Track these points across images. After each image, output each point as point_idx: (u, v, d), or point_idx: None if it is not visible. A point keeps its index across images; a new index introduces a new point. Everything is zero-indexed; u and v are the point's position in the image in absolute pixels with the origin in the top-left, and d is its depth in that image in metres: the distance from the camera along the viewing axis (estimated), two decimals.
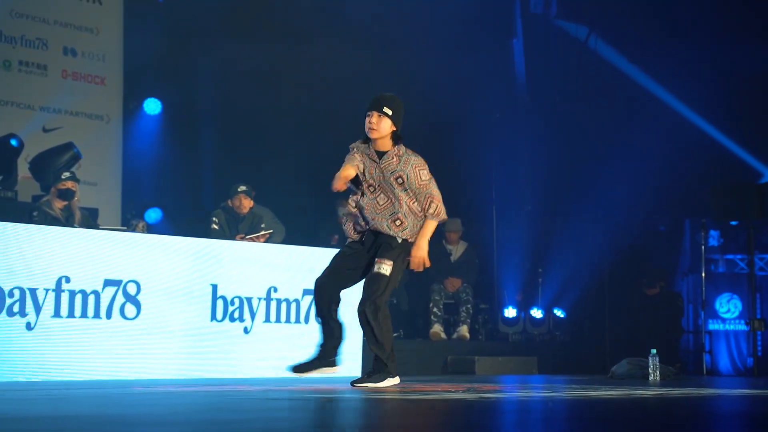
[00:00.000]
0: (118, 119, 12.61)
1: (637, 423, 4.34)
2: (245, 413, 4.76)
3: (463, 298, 11.96)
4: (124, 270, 8.17)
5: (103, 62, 12.46)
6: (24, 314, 7.70)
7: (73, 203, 9.56)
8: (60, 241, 7.94)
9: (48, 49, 12.01)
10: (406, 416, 4.53)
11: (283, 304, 9.00)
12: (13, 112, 11.65)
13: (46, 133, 11.78)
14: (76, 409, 4.94)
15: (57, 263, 7.86)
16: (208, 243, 8.86)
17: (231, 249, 8.90)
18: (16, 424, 4.06)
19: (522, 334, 12.85)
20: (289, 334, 8.97)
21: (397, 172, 6.85)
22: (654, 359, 9.08)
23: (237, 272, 8.74)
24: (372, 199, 6.88)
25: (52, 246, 7.87)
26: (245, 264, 8.78)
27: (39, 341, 7.75)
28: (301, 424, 4.19)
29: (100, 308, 8.05)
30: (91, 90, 12.35)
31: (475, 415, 4.63)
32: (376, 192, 6.88)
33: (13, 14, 11.73)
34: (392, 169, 6.86)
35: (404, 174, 6.85)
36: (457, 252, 12.30)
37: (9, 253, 7.66)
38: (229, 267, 8.71)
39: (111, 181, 12.37)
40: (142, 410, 4.82)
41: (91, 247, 8.07)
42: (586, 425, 4.19)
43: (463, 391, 6.34)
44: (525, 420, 4.46)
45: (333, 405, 5.27)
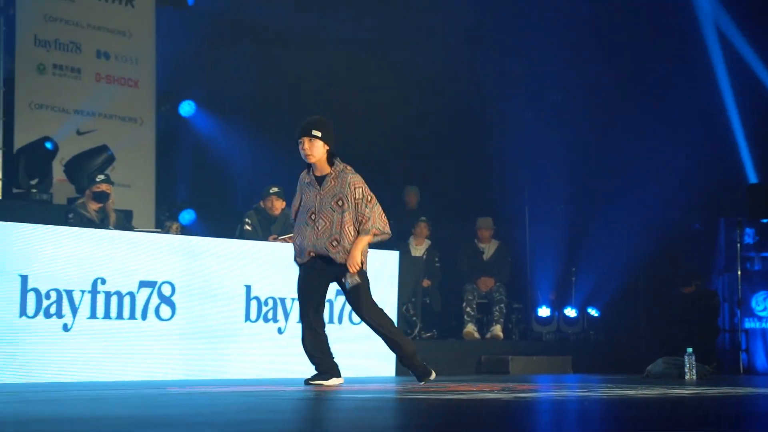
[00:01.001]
0: (151, 121, 12.67)
1: (674, 422, 4.31)
2: (282, 413, 4.77)
3: (497, 298, 11.93)
4: (159, 271, 8.22)
5: (135, 65, 12.53)
6: (60, 316, 7.76)
7: (108, 205, 9.61)
8: (95, 243, 7.99)
9: (81, 52, 12.09)
10: (443, 416, 4.52)
11: None
12: (47, 115, 11.73)
13: (81, 136, 11.85)
14: (113, 410, 4.96)
15: (92, 265, 7.91)
16: (242, 244, 8.90)
17: (264, 250, 8.92)
18: (54, 426, 4.09)
19: (556, 334, 12.80)
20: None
21: (337, 195, 7.06)
22: (690, 358, 9.01)
23: (270, 273, 8.76)
24: (312, 228, 7.08)
25: (88, 248, 7.92)
26: (279, 265, 8.80)
27: (75, 342, 7.81)
28: (337, 425, 4.19)
29: (135, 309, 8.09)
30: (124, 93, 12.42)
31: (512, 414, 4.62)
32: (316, 218, 7.08)
33: (47, 18, 11.81)
34: (333, 194, 7.07)
35: (342, 196, 7.05)
36: (489, 251, 12.27)
37: (45, 256, 7.71)
38: (262, 268, 8.74)
39: (145, 183, 12.43)
40: (179, 411, 4.83)
41: (126, 249, 8.11)
42: (624, 425, 4.16)
43: (498, 391, 6.32)
44: (563, 420, 4.44)
45: (369, 405, 5.26)
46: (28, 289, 7.60)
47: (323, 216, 7.05)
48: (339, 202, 7.05)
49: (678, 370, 9.21)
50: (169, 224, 10.58)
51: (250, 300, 8.65)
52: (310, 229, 7.06)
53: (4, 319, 7.50)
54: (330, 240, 7.03)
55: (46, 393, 6.25)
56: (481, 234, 12.25)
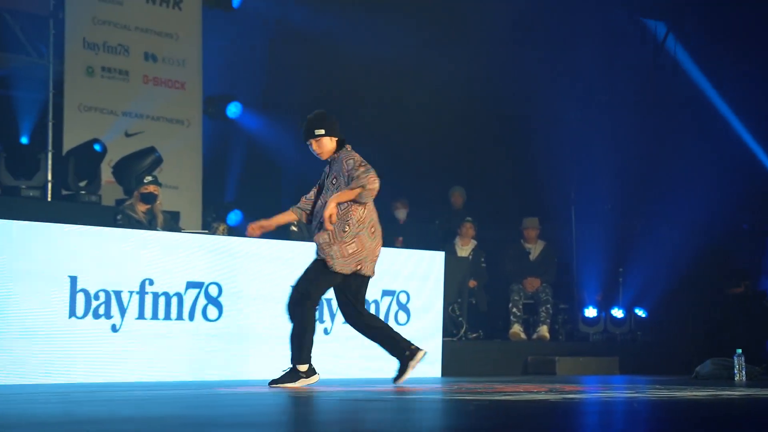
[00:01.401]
0: (198, 123, 12.74)
1: (724, 424, 4.27)
2: (329, 414, 4.78)
3: (543, 298, 11.89)
4: (206, 273, 8.26)
5: (182, 67, 12.61)
6: (109, 316, 7.82)
7: (155, 207, 9.68)
8: (143, 244, 8.05)
9: (129, 54, 12.18)
10: (491, 417, 4.51)
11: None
12: (96, 117, 11.83)
13: (129, 138, 11.94)
14: (162, 410, 5.00)
15: (141, 266, 7.97)
16: (288, 245, 8.92)
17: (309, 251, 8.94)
18: (105, 426, 4.12)
19: (603, 334, 12.73)
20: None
21: (332, 173, 7.02)
22: (740, 359, 8.93)
23: None
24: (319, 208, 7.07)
25: (136, 249, 7.98)
26: None
27: (123, 343, 7.87)
28: (385, 426, 4.19)
29: (183, 310, 8.14)
30: (171, 95, 12.50)
31: (560, 416, 4.60)
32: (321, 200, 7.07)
33: (96, 21, 11.91)
34: (331, 178, 7.03)
35: (337, 174, 6.99)
36: (535, 251, 12.24)
37: (94, 257, 7.78)
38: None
39: (192, 185, 12.50)
40: (228, 411, 4.86)
41: (174, 250, 8.17)
42: (674, 427, 4.14)
43: (545, 392, 6.30)
44: (612, 421, 4.41)
45: (416, 406, 5.27)
46: (77, 290, 7.68)
47: (323, 196, 7.06)
48: (333, 181, 7.01)
49: (727, 372, 9.13)
50: (216, 225, 10.63)
51: None
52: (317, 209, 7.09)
53: (54, 319, 7.57)
54: (316, 225, 7.05)
55: (97, 393, 6.31)
56: (527, 234, 12.21)
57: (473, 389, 6.71)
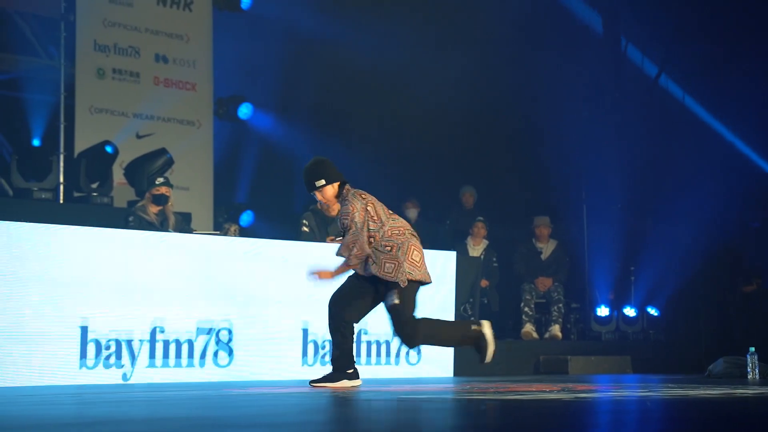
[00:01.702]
0: (209, 124, 12.76)
1: (738, 423, 4.26)
2: (341, 414, 4.78)
3: (555, 298, 11.88)
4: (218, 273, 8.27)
5: (193, 68, 12.63)
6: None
7: (167, 208, 9.69)
8: (155, 246, 8.06)
9: (140, 56, 12.21)
10: (503, 416, 4.51)
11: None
12: (107, 119, 11.86)
13: (140, 140, 11.97)
14: (173, 411, 5.00)
15: (154, 271, 7.98)
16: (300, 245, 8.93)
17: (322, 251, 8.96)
18: (116, 426, 4.13)
19: (615, 333, 12.72)
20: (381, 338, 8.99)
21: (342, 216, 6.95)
22: (753, 357, 8.90)
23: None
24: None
25: (148, 251, 8.00)
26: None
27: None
28: (396, 426, 4.19)
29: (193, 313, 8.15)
30: (182, 96, 12.52)
31: (572, 415, 4.60)
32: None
33: (106, 23, 11.94)
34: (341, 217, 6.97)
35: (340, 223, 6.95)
36: (547, 251, 12.22)
37: (105, 257, 7.80)
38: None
39: (203, 186, 12.52)
40: (239, 412, 4.86)
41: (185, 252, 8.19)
42: (686, 426, 4.13)
43: (557, 391, 6.29)
44: (625, 420, 4.41)
45: (428, 406, 5.26)
46: (89, 292, 7.69)
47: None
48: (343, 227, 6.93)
49: (740, 370, 9.10)
50: (227, 226, 10.65)
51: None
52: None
53: (66, 321, 7.59)
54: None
55: (107, 395, 6.32)
56: (539, 232, 12.20)
57: (485, 389, 6.71)
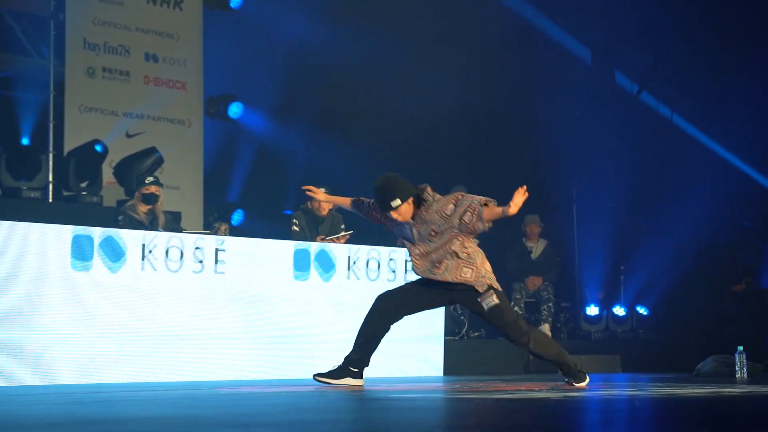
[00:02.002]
0: (199, 123, 12.75)
1: (726, 422, 4.27)
2: (331, 413, 4.78)
3: (545, 297, 11.89)
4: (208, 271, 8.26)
5: (183, 67, 12.61)
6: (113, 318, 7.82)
7: (157, 207, 9.68)
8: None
9: (130, 55, 12.19)
10: (493, 416, 4.52)
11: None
12: (97, 118, 11.84)
13: (130, 139, 11.95)
14: (164, 410, 5.00)
15: (145, 266, 7.96)
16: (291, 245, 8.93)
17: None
18: (110, 426, 4.13)
19: (605, 332, 12.73)
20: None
21: (428, 226, 6.80)
22: (741, 356, 8.92)
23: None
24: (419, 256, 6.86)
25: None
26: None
27: (124, 343, 7.86)
28: (386, 425, 4.20)
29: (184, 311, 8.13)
30: (172, 95, 12.51)
31: (562, 414, 4.61)
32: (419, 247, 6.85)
33: (96, 22, 11.91)
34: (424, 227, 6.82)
35: (435, 225, 6.79)
36: (537, 250, 12.23)
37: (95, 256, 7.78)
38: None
39: (193, 185, 12.51)
40: (230, 411, 4.86)
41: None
42: (675, 425, 4.14)
43: (547, 391, 6.30)
44: (613, 419, 4.42)
45: (418, 405, 5.27)
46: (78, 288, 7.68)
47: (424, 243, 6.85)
48: (432, 233, 6.78)
49: (729, 369, 9.12)
50: (217, 225, 10.64)
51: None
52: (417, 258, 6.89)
53: (56, 319, 7.57)
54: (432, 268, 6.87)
55: (97, 395, 6.31)
56: (529, 231, 12.19)
57: (475, 388, 6.72)
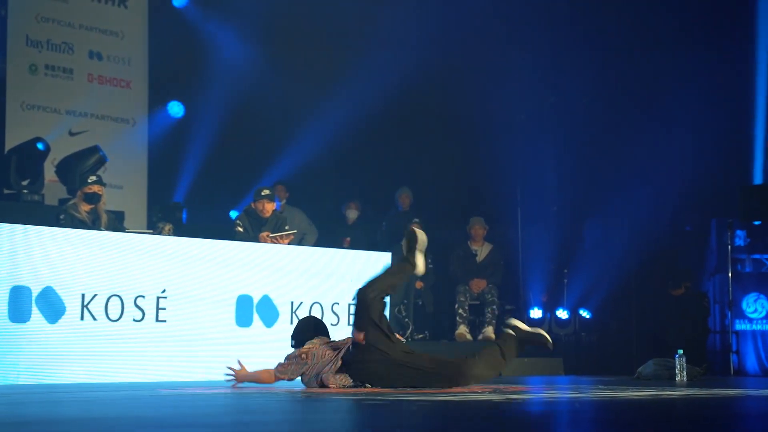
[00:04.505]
0: (144, 122, 12.66)
1: (665, 424, 4.32)
2: (273, 414, 4.77)
3: (489, 299, 11.93)
4: (153, 274, 8.21)
5: (128, 66, 12.53)
6: (52, 318, 7.74)
7: (99, 206, 9.59)
8: (86, 245, 7.98)
9: (73, 52, 12.09)
10: (434, 418, 4.53)
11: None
12: (39, 115, 11.73)
13: (72, 137, 11.85)
14: (105, 410, 4.96)
15: (86, 267, 7.89)
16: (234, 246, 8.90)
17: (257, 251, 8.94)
18: (49, 427, 4.09)
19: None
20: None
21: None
22: (681, 360, 9.02)
23: (263, 275, 8.77)
24: None
25: (79, 250, 7.91)
26: (271, 267, 8.80)
27: (67, 345, 7.79)
28: (328, 426, 4.19)
29: (125, 312, 8.07)
30: (116, 93, 12.42)
31: (503, 416, 4.63)
32: None
33: (39, 19, 11.80)
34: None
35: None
36: (482, 253, 12.27)
37: (36, 256, 7.71)
38: (254, 270, 8.74)
39: (137, 184, 12.42)
40: (171, 412, 4.83)
41: (118, 252, 8.11)
42: (615, 427, 4.17)
43: (489, 393, 6.33)
44: (554, 422, 4.45)
45: (360, 406, 5.27)
46: (18, 291, 7.59)
47: None
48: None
49: (669, 372, 9.22)
50: (161, 225, 10.57)
51: (243, 303, 8.65)
52: None
53: None
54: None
55: (39, 395, 6.25)
56: (474, 233, 12.22)
57: (417, 390, 6.72)
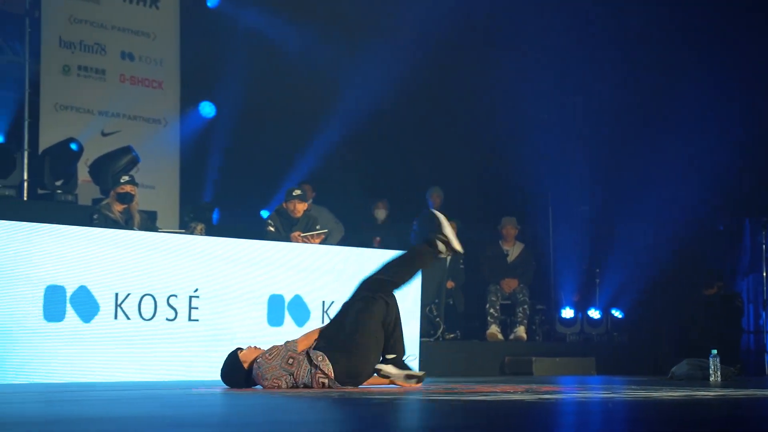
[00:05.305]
0: (175, 122, 12.72)
1: (699, 425, 4.29)
2: (303, 414, 4.78)
3: (520, 299, 11.91)
4: (184, 274, 8.23)
5: (160, 66, 12.58)
6: (86, 317, 7.79)
7: (132, 206, 9.65)
8: (119, 244, 8.02)
9: (106, 53, 12.15)
10: (467, 417, 4.52)
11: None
12: (72, 116, 11.80)
13: (105, 137, 11.92)
14: (140, 409, 4.98)
15: (116, 266, 7.93)
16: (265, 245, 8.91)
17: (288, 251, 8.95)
18: (81, 425, 4.10)
19: (579, 335, 12.77)
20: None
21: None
22: (715, 360, 8.96)
23: (294, 274, 8.78)
24: None
25: (112, 249, 7.95)
26: (301, 266, 8.81)
27: (98, 344, 7.84)
28: (360, 425, 4.19)
29: (158, 312, 8.11)
30: (148, 94, 12.48)
31: (536, 416, 4.61)
32: None
33: (72, 20, 11.87)
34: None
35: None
36: (513, 253, 12.25)
37: (70, 256, 7.75)
38: (284, 269, 8.75)
39: (169, 184, 12.47)
40: (205, 411, 4.85)
41: (150, 251, 8.15)
42: (649, 427, 4.15)
43: (521, 392, 6.31)
44: (587, 421, 4.43)
45: (393, 405, 5.26)
46: (53, 290, 7.64)
47: None
48: None
49: (702, 372, 9.17)
50: (193, 225, 10.61)
51: (274, 302, 8.67)
52: None
53: (29, 320, 7.54)
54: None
55: (72, 393, 6.28)
56: (505, 233, 12.21)
57: (450, 389, 6.72)
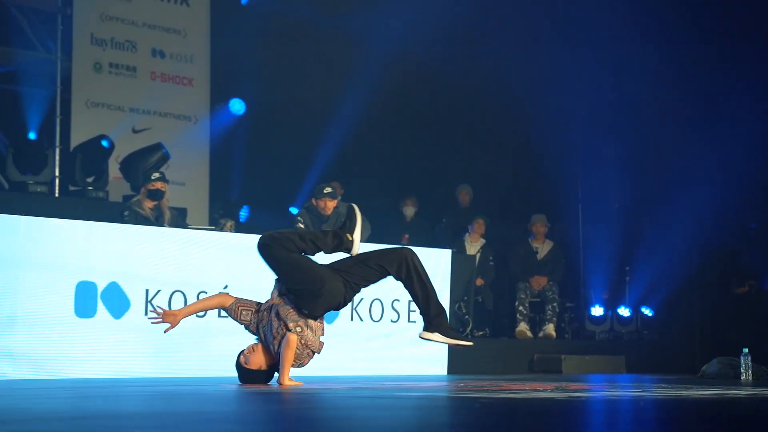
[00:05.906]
0: (206, 120, 12.76)
1: (730, 424, 4.26)
2: (338, 411, 4.78)
3: (549, 297, 11.89)
4: (213, 269, 8.26)
5: (190, 63, 12.63)
6: (117, 313, 7.83)
7: (162, 203, 9.69)
8: (150, 240, 8.06)
9: (137, 51, 12.21)
10: (497, 415, 4.51)
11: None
12: (103, 113, 11.86)
13: (136, 134, 11.97)
14: (172, 405, 5.00)
15: (147, 262, 7.98)
16: None
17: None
18: (115, 421, 4.12)
19: (609, 333, 12.72)
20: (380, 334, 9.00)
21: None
22: (746, 359, 8.91)
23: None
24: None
25: (143, 245, 8.00)
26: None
27: (131, 338, 7.88)
28: (390, 423, 4.19)
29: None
30: (178, 91, 12.52)
31: (566, 414, 4.60)
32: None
33: (104, 17, 11.93)
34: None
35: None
36: (543, 250, 12.22)
37: (101, 252, 7.80)
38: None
39: (199, 181, 12.52)
40: (235, 408, 4.86)
41: (180, 247, 8.18)
42: (679, 426, 4.13)
43: (551, 390, 6.29)
44: (617, 420, 4.41)
45: (422, 404, 5.26)
46: (84, 285, 7.69)
47: None
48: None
49: (733, 371, 9.11)
50: (223, 222, 10.64)
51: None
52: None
53: (60, 315, 7.59)
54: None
55: (105, 389, 6.31)
56: (535, 230, 12.19)
57: (479, 387, 6.71)
